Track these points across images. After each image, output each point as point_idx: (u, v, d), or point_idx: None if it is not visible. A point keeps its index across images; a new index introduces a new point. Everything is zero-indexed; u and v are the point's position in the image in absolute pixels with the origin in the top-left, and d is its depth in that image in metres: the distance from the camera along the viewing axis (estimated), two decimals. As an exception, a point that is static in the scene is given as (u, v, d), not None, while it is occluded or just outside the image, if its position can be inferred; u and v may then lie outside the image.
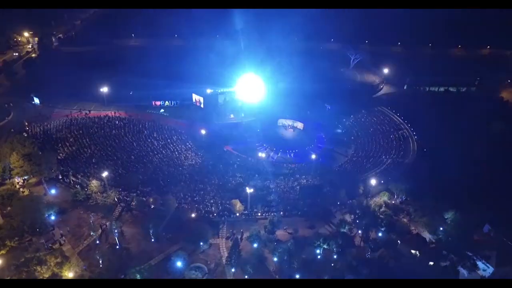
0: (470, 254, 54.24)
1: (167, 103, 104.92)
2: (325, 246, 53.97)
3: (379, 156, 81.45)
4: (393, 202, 66.13)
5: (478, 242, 57.02)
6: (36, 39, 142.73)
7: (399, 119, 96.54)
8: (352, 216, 60.24)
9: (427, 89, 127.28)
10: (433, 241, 57.64)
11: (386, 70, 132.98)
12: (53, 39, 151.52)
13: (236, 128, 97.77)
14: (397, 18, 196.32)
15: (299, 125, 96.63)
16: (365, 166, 78.04)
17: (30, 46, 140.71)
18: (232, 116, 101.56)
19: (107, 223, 57.70)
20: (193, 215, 61.10)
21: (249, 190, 60.11)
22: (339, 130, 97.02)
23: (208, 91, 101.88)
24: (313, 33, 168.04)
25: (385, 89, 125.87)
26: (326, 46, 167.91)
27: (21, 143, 67.09)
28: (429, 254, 55.88)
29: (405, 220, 62.12)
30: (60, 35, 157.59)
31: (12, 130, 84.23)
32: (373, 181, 65.49)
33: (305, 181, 73.59)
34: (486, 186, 67.80)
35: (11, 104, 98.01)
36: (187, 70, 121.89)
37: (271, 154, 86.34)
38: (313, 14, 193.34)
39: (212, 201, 64.64)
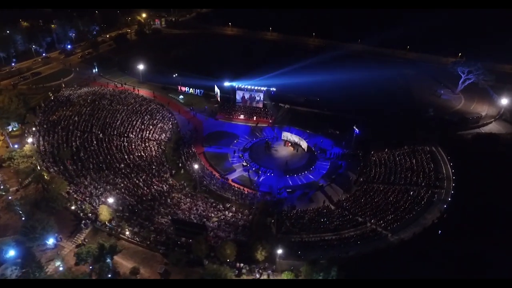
0: None
1: (191, 91, 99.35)
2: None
3: (364, 217, 51.89)
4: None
5: None
6: (144, 19, 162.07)
7: (449, 170, 59.64)
8: None
9: None
10: None
11: (505, 101, 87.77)
12: (163, 21, 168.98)
13: (237, 129, 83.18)
14: None
15: (303, 144, 73.53)
16: (328, 225, 51.00)
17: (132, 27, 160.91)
18: (242, 116, 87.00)
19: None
20: (73, 207, 53.94)
21: (110, 200, 47.96)
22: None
23: (226, 84, 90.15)
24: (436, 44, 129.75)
25: (492, 127, 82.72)
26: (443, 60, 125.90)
27: (11, 99, 75.05)
28: None
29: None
30: (173, 19, 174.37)
31: (53, 89, 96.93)
32: (279, 250, 41.18)
33: (230, 215, 54.36)
34: None
35: (78, 69, 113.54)
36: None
37: (238, 170, 68.54)
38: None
39: (103, 199, 55.42)
